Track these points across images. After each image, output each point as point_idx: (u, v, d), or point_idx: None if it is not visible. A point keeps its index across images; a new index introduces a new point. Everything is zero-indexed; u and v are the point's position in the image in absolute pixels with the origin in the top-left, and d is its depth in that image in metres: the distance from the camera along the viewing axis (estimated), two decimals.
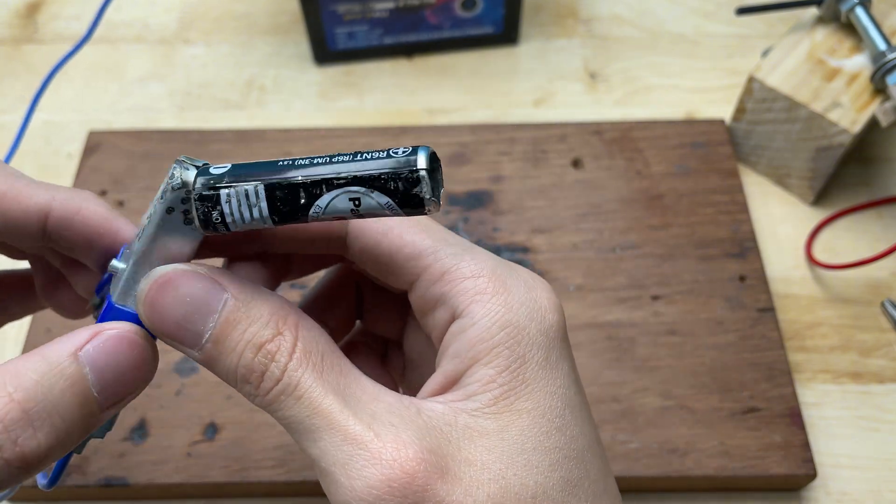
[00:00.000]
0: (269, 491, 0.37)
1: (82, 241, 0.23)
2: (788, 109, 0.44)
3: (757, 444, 0.37)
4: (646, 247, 0.43)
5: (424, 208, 0.19)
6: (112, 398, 0.19)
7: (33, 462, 0.18)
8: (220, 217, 0.20)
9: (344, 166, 0.19)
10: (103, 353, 0.19)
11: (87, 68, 0.54)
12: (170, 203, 0.20)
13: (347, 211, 0.19)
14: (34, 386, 0.18)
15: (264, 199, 0.19)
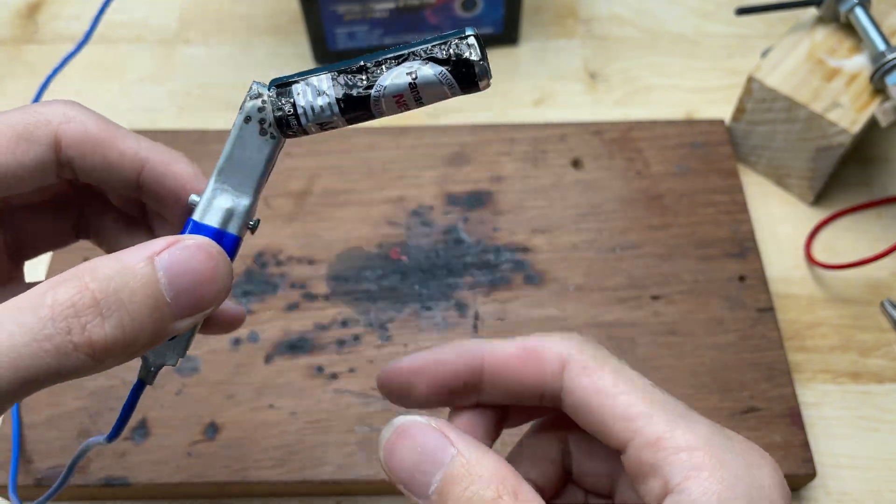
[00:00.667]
0: (269, 490, 0.37)
1: (171, 194, 0.25)
2: (788, 109, 0.44)
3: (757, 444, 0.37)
4: (646, 247, 0.43)
5: (477, 78, 0.21)
6: (185, 308, 0.20)
7: (99, 351, 0.18)
8: (293, 108, 0.21)
9: (402, 49, 0.21)
10: (179, 261, 0.20)
11: (87, 68, 0.54)
12: (247, 112, 0.21)
13: (406, 86, 0.20)
14: (107, 280, 0.18)
15: (331, 87, 0.21)
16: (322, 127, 0.21)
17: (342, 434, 0.37)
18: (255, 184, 0.22)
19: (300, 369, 0.39)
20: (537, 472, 0.26)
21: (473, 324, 0.41)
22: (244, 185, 0.22)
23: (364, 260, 0.43)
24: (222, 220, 0.22)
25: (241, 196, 0.22)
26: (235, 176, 0.22)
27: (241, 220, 0.23)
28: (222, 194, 0.22)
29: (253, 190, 0.22)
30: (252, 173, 0.22)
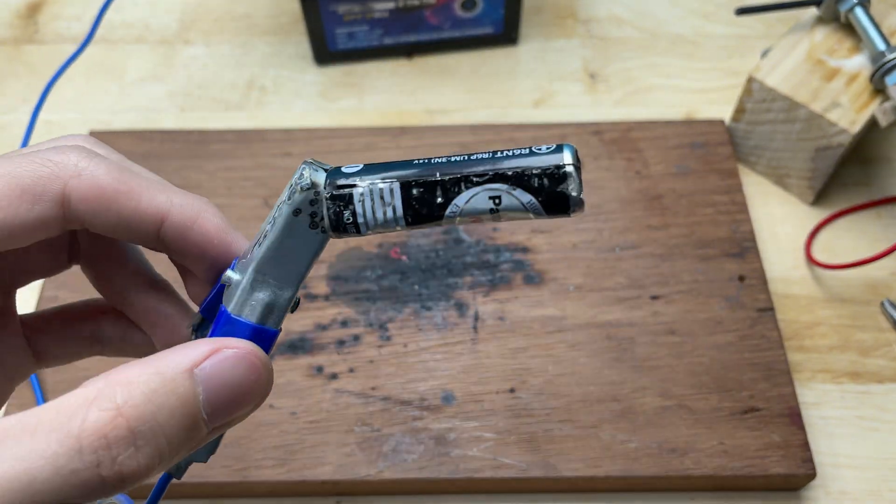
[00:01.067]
0: (269, 490, 0.37)
1: (196, 250, 0.22)
2: (788, 109, 0.44)
3: (756, 444, 0.37)
4: (645, 247, 0.43)
5: (570, 208, 0.18)
6: (221, 420, 0.18)
7: (129, 481, 0.17)
8: (352, 217, 0.19)
9: (484, 164, 0.18)
10: (220, 373, 0.18)
11: (87, 69, 0.54)
12: (297, 205, 0.19)
13: (486, 211, 0.18)
14: (144, 402, 0.17)
15: (399, 199, 0.19)
16: (381, 233, 0.20)
17: (342, 434, 0.37)
18: (299, 276, 0.20)
19: (300, 369, 0.39)
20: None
21: (473, 324, 0.41)
22: (288, 277, 0.20)
23: (364, 260, 0.43)
24: (262, 315, 0.20)
25: (284, 289, 0.20)
26: (279, 268, 0.20)
27: (282, 314, 0.21)
28: (263, 287, 0.20)
29: (297, 281, 0.21)
30: (298, 265, 0.20)
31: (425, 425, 0.37)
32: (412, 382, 0.39)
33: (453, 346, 0.40)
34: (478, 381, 0.39)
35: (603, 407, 0.38)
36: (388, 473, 0.36)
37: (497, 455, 0.37)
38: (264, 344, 0.20)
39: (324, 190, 0.19)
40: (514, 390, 0.38)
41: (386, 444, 0.37)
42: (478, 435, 0.37)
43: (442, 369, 0.39)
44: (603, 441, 0.37)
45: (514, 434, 0.37)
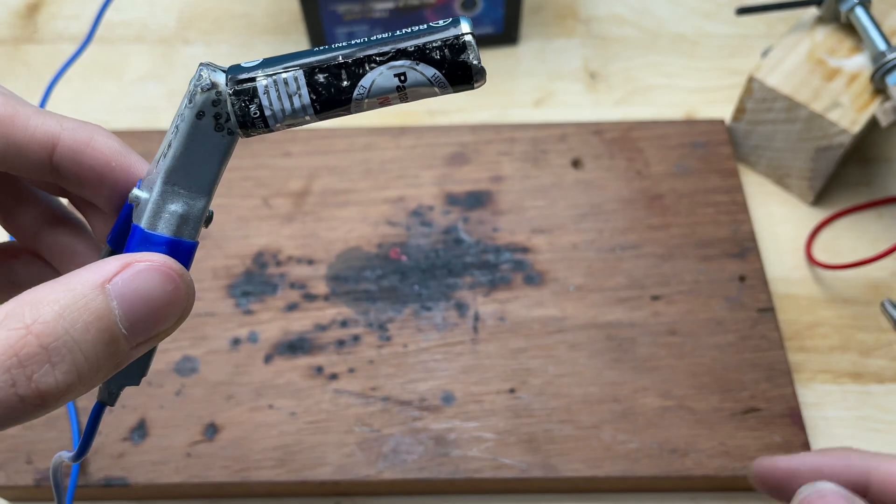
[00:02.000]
0: (268, 491, 0.37)
1: (93, 175, 0.21)
2: (788, 109, 0.44)
3: (757, 445, 0.37)
4: (646, 247, 0.43)
5: (473, 78, 0.18)
6: (142, 335, 0.18)
7: (51, 399, 0.17)
8: (259, 111, 0.19)
9: (386, 44, 0.18)
10: (134, 286, 0.18)
11: (86, 68, 0.54)
12: (200, 107, 0.19)
13: (393, 89, 0.18)
14: (55, 319, 0.17)
15: (305, 86, 0.18)
16: (290, 126, 0.19)
17: (341, 434, 0.37)
18: (210, 182, 0.20)
19: (300, 370, 0.39)
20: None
21: (473, 324, 0.41)
22: (199, 184, 0.20)
23: (364, 260, 0.43)
24: (176, 227, 0.20)
25: (196, 198, 0.20)
26: (188, 176, 0.20)
27: (197, 224, 0.20)
28: (174, 197, 0.20)
29: (208, 189, 0.20)
30: (207, 171, 0.20)
31: (425, 426, 0.37)
32: (412, 383, 0.39)
33: (453, 347, 0.40)
34: (478, 381, 0.39)
35: (603, 407, 0.38)
36: (388, 474, 0.36)
37: (497, 455, 0.36)
38: (181, 257, 0.20)
39: (226, 87, 0.19)
40: (515, 391, 0.38)
41: (386, 444, 0.37)
42: (478, 435, 0.37)
43: (442, 370, 0.39)
44: (603, 441, 0.37)
45: (515, 434, 0.37)
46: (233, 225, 0.44)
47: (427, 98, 0.19)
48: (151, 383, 0.39)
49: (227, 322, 0.40)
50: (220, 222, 0.44)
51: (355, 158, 0.47)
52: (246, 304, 0.41)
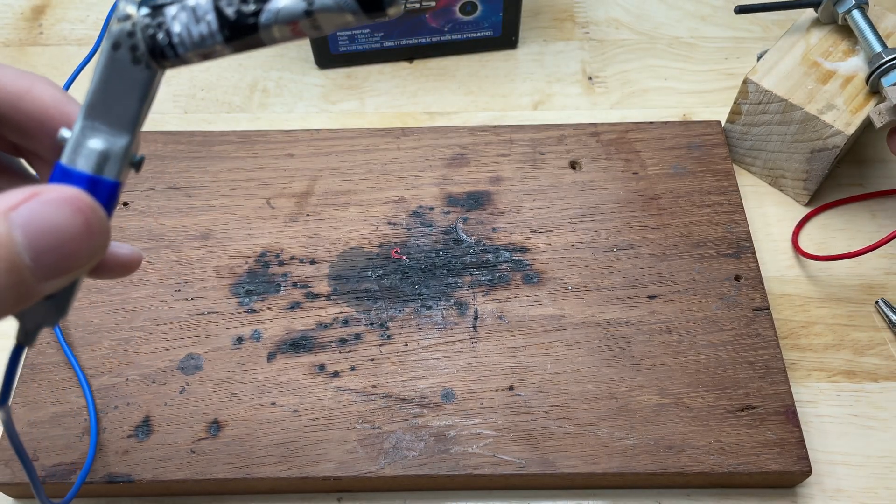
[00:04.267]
0: (272, 487, 0.38)
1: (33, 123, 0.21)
2: (783, 111, 0.44)
3: (752, 442, 0.37)
4: (642, 247, 0.44)
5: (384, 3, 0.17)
6: (50, 268, 0.17)
7: None
8: (167, 38, 0.18)
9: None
10: (39, 217, 0.17)
11: (90, 71, 0.54)
12: (115, 38, 0.18)
13: (301, 13, 0.17)
14: None
15: (212, 11, 0.18)
16: (204, 56, 0.19)
17: (343, 431, 0.38)
18: (132, 119, 0.19)
19: (302, 367, 0.40)
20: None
21: (473, 323, 0.41)
22: (120, 121, 0.19)
23: (365, 260, 0.43)
24: (96, 164, 0.19)
25: (118, 135, 0.19)
26: (109, 112, 0.19)
27: (119, 162, 0.20)
28: (95, 134, 0.19)
29: (131, 126, 0.19)
30: (128, 107, 0.19)
31: (425, 423, 0.38)
32: (413, 380, 0.39)
33: (453, 345, 0.40)
34: (477, 379, 0.39)
35: (601, 405, 0.38)
36: (389, 470, 0.37)
37: (496, 452, 0.37)
38: (101, 196, 0.19)
39: (137, 11, 0.18)
40: (514, 388, 0.39)
41: (387, 441, 0.37)
42: (477, 432, 0.38)
43: (442, 367, 0.40)
44: (601, 438, 0.37)
45: (513, 431, 0.38)
46: (236, 225, 0.44)
47: (341, 26, 0.18)
48: (155, 381, 0.39)
49: (231, 320, 0.41)
50: (224, 222, 0.45)
51: (357, 160, 0.47)
52: (249, 302, 0.42)
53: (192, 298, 0.42)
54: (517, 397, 0.39)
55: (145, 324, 0.41)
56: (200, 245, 0.44)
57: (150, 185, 0.46)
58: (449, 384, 0.39)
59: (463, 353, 0.40)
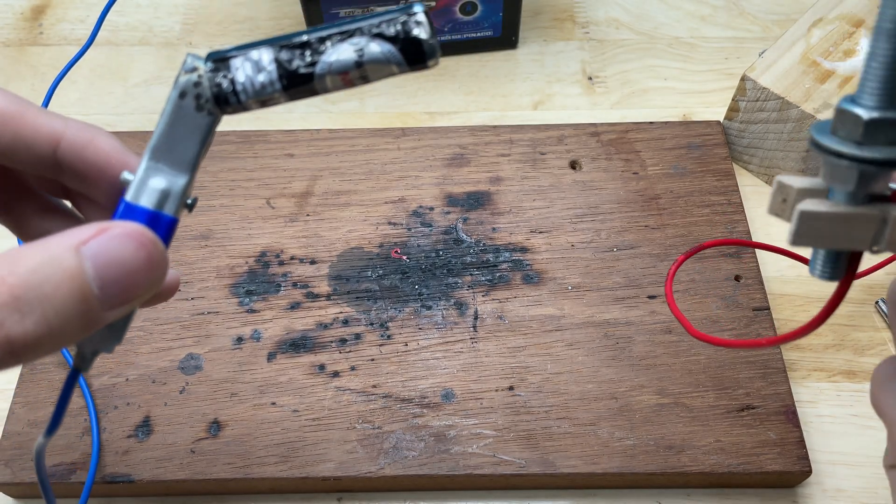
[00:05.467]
0: (271, 487, 0.38)
1: (93, 171, 0.23)
2: (780, 109, 0.44)
3: (752, 442, 0.37)
4: (642, 247, 0.44)
5: (426, 55, 0.20)
6: (115, 298, 0.19)
7: (19, 347, 0.17)
8: (231, 85, 0.20)
9: (347, 24, 0.20)
10: (107, 250, 0.19)
11: (91, 71, 0.54)
12: (182, 87, 0.21)
13: (353, 64, 0.20)
14: (28, 273, 0.17)
15: (273, 63, 0.20)
16: (263, 103, 0.21)
17: (343, 431, 0.38)
18: (192, 161, 0.21)
19: (302, 367, 0.40)
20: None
21: (473, 323, 0.41)
22: (180, 162, 0.21)
23: (365, 260, 0.43)
24: (157, 201, 0.21)
25: (178, 175, 0.21)
26: (171, 153, 0.21)
27: (177, 200, 0.21)
28: (157, 173, 0.21)
29: (190, 167, 0.21)
30: (189, 150, 0.21)
31: (426, 423, 0.38)
32: (413, 380, 0.39)
33: (453, 345, 0.40)
34: (477, 379, 0.39)
35: (601, 405, 0.38)
36: (389, 470, 0.37)
37: (496, 452, 0.37)
38: (161, 230, 0.21)
39: (204, 65, 0.20)
40: (514, 388, 0.39)
41: (387, 441, 0.37)
42: (477, 432, 0.38)
43: (442, 367, 0.40)
44: (601, 438, 0.37)
45: (513, 431, 0.38)
46: (236, 225, 0.44)
47: (387, 77, 0.20)
48: (155, 381, 0.39)
49: (231, 320, 0.41)
50: (224, 222, 0.45)
51: (357, 160, 0.47)
52: (249, 302, 0.42)
53: (192, 298, 0.42)
54: (517, 397, 0.39)
55: (145, 324, 0.41)
56: (200, 245, 0.44)
57: None
58: (449, 384, 0.39)
59: (463, 353, 0.40)
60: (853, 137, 0.20)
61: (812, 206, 0.21)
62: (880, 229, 0.21)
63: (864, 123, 0.20)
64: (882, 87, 0.20)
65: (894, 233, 0.21)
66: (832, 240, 0.22)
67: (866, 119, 0.20)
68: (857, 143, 0.20)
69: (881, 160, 0.20)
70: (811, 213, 0.21)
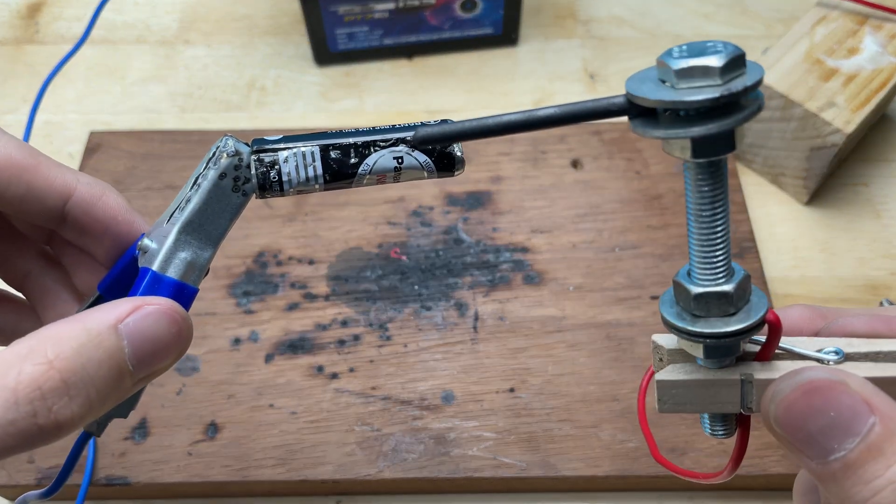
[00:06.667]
0: (269, 490, 0.37)
1: (100, 226, 0.24)
2: (783, 108, 0.44)
3: (755, 444, 0.37)
4: (645, 247, 0.43)
5: (455, 166, 0.22)
6: (145, 371, 0.20)
7: (65, 428, 0.18)
8: (278, 176, 0.22)
9: (388, 133, 0.22)
10: (144, 328, 0.20)
11: (88, 69, 0.54)
12: (223, 169, 0.22)
13: (391, 169, 0.22)
14: (73, 355, 0.18)
15: (320, 160, 0.22)
16: (299, 192, 0.22)
17: (342, 433, 0.37)
18: (220, 236, 0.23)
19: (300, 369, 0.39)
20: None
21: (473, 324, 0.41)
22: (209, 237, 0.22)
23: (364, 260, 0.43)
24: (184, 272, 0.22)
25: (204, 248, 0.22)
26: (202, 228, 0.22)
27: (201, 272, 0.23)
28: (185, 246, 0.22)
29: (217, 242, 0.23)
30: (219, 226, 0.22)
31: (425, 425, 0.37)
32: (412, 382, 0.39)
33: (453, 346, 0.40)
34: (478, 380, 0.39)
35: (602, 406, 0.38)
36: (389, 473, 0.36)
37: (497, 454, 0.37)
38: (185, 301, 0.22)
39: (251, 154, 0.22)
40: (514, 390, 0.39)
41: (386, 443, 0.37)
42: (478, 434, 0.37)
43: (442, 369, 0.39)
44: (602, 440, 0.37)
45: (514, 433, 0.37)
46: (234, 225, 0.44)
47: (413, 180, 0.23)
48: (153, 383, 0.39)
49: (228, 321, 0.41)
50: None
51: None
52: (247, 303, 0.41)
53: None
54: (518, 399, 0.38)
55: None
56: None
57: (146, 185, 0.46)
58: (449, 386, 0.39)
59: (463, 354, 0.40)
60: (689, 309, 0.20)
61: (669, 375, 0.22)
62: (747, 391, 0.21)
63: (693, 298, 0.20)
64: (705, 262, 0.20)
65: (759, 395, 0.21)
66: (700, 405, 0.22)
67: (694, 294, 0.20)
68: (693, 316, 0.20)
69: (714, 334, 0.20)
70: (668, 381, 0.22)
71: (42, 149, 0.53)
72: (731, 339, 0.20)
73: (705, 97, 0.17)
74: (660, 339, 0.23)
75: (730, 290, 0.20)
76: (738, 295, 0.20)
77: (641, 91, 0.18)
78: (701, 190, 0.19)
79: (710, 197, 0.19)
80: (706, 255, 0.20)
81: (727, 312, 0.20)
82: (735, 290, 0.20)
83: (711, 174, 0.19)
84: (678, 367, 0.22)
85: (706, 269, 0.20)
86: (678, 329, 0.21)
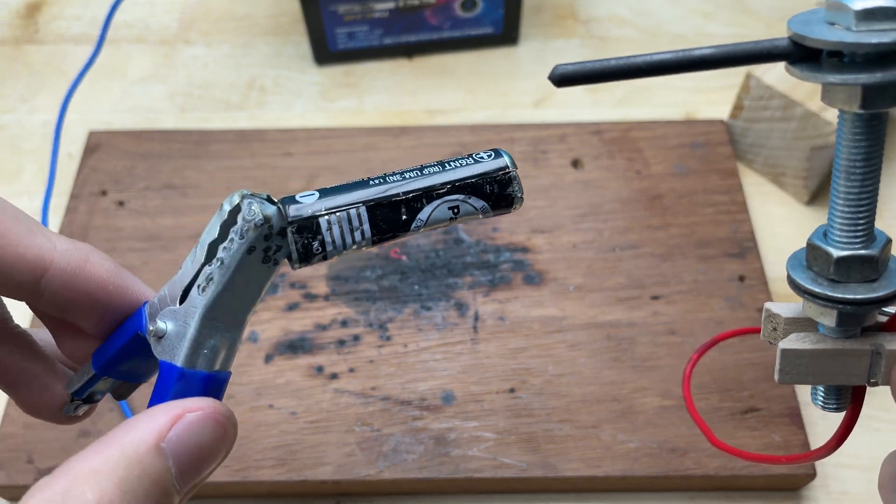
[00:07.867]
0: (269, 491, 0.37)
1: (86, 300, 0.20)
2: (784, 107, 0.44)
3: (757, 444, 0.37)
4: (645, 247, 0.43)
5: (513, 206, 0.20)
6: (191, 482, 0.18)
7: None
8: (321, 246, 0.19)
9: (438, 177, 0.20)
10: (187, 440, 0.18)
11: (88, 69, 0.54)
12: (252, 242, 0.18)
13: (447, 220, 0.20)
14: (120, 494, 0.16)
15: (367, 221, 0.19)
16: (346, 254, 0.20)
17: (342, 434, 0.37)
18: (248, 312, 0.20)
19: (300, 369, 0.39)
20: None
21: (473, 324, 0.41)
22: (237, 316, 0.19)
23: (364, 260, 0.43)
24: (215, 362, 0.20)
25: (232, 329, 0.19)
26: (229, 308, 0.19)
27: (233, 354, 0.20)
28: (213, 332, 0.19)
29: (244, 318, 0.20)
30: (248, 302, 0.19)
31: (425, 425, 0.37)
32: (412, 382, 0.39)
33: (453, 346, 0.40)
34: (478, 381, 0.39)
35: (603, 407, 0.38)
36: (389, 473, 0.36)
37: (497, 455, 0.37)
38: (219, 389, 0.20)
39: (282, 222, 0.19)
40: (515, 390, 0.38)
41: (386, 443, 0.37)
42: (478, 435, 0.37)
43: (442, 369, 0.39)
44: (603, 441, 0.37)
45: (514, 434, 0.37)
46: None
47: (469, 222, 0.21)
48: (151, 383, 0.39)
49: None
50: None
51: (356, 158, 0.47)
52: None
53: None
54: (518, 399, 0.38)
55: None
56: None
57: (145, 185, 0.46)
58: (449, 386, 0.39)
59: (463, 354, 0.40)
60: (826, 274, 0.19)
61: (795, 344, 0.20)
62: (875, 362, 0.20)
63: (834, 262, 0.19)
64: (848, 224, 0.19)
65: (890, 366, 0.20)
66: (823, 376, 0.21)
67: (836, 257, 0.19)
68: (830, 282, 0.19)
69: (856, 301, 0.19)
70: (794, 350, 0.20)
71: (42, 149, 0.53)
72: (869, 306, 0.19)
73: (893, 39, 0.16)
74: (774, 307, 0.21)
75: (875, 254, 0.19)
76: (882, 260, 0.19)
77: (813, 32, 0.16)
78: (859, 145, 0.18)
79: (866, 153, 0.18)
80: (851, 217, 0.19)
81: (869, 278, 0.19)
82: (881, 255, 0.19)
83: (873, 128, 0.18)
84: (802, 337, 0.20)
85: (849, 232, 0.19)
86: (814, 294, 0.19)
